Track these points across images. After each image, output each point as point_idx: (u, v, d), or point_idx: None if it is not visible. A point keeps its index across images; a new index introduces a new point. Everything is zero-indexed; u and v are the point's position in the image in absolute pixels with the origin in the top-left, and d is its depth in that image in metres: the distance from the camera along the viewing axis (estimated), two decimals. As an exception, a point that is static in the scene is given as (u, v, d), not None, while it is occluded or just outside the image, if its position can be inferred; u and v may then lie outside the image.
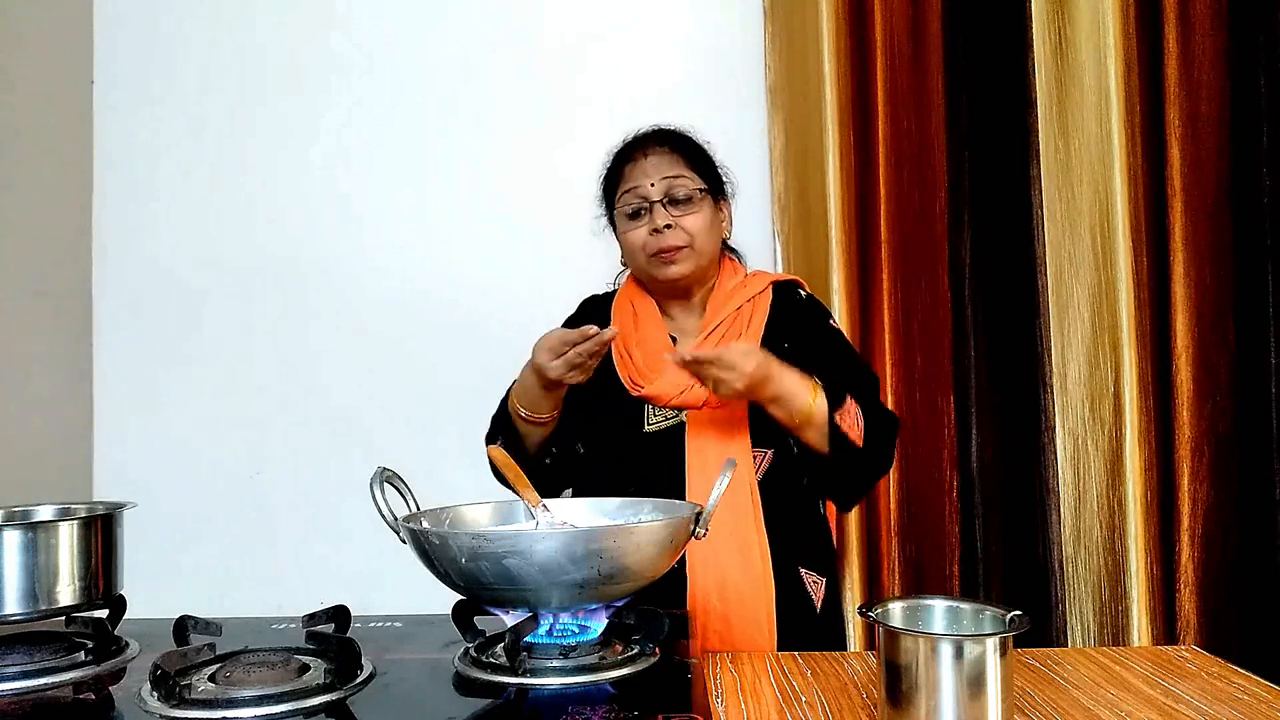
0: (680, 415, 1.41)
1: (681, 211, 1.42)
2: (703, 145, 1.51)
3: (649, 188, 1.43)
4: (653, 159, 1.45)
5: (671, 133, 1.50)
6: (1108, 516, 1.97)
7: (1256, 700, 1.00)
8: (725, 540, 1.34)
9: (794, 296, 1.51)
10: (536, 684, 0.90)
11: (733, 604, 1.33)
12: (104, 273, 2.22)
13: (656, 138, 1.49)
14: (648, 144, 1.48)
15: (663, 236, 1.41)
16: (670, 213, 1.42)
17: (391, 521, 1.03)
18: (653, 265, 1.44)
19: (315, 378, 2.20)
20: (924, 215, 2.04)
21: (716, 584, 1.34)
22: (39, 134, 2.09)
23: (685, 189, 1.43)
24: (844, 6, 2.04)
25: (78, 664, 0.96)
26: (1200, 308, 1.98)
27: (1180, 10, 1.98)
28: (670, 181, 1.43)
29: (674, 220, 1.42)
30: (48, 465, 2.09)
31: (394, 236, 2.21)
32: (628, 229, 1.46)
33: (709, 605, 1.33)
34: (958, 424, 2.02)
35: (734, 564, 1.34)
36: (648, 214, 1.43)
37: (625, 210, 1.46)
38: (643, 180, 1.44)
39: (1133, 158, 1.99)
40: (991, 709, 0.82)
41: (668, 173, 1.43)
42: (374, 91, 2.21)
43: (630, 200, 1.45)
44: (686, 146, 1.48)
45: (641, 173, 1.45)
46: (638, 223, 1.44)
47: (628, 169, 1.47)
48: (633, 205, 1.44)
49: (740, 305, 1.46)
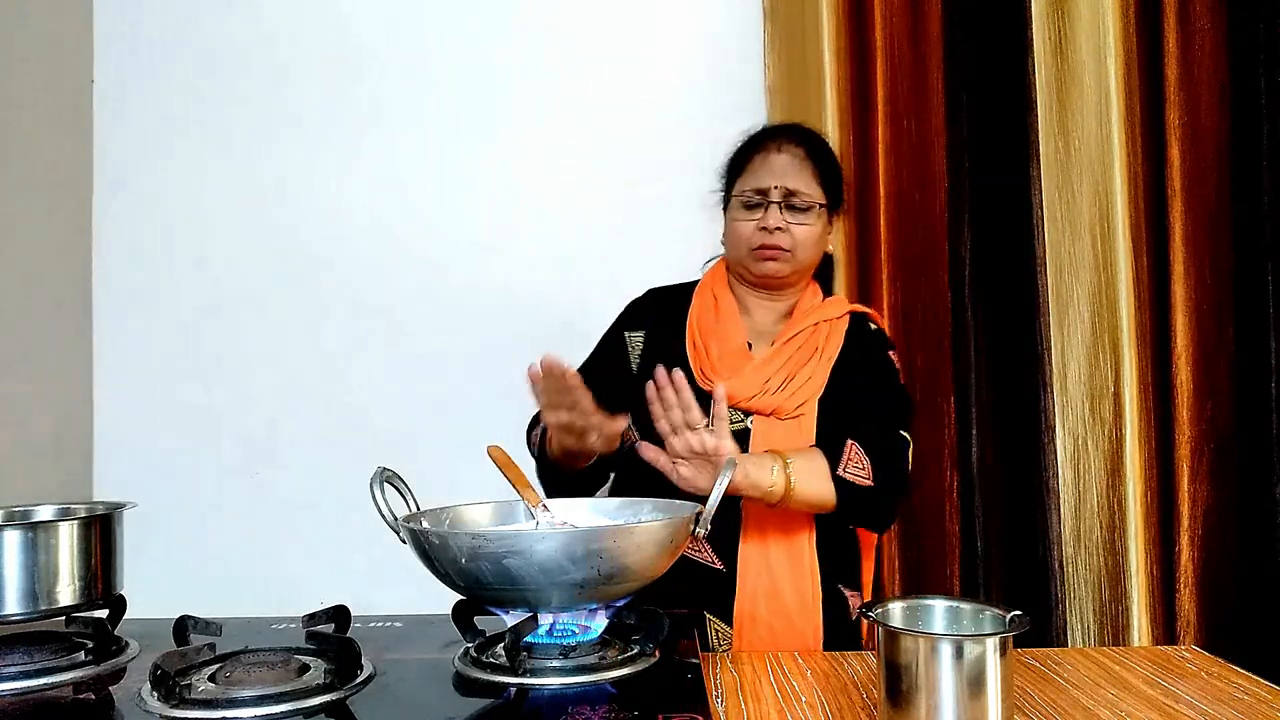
0: (746, 421, 1.40)
1: (796, 220, 1.43)
2: (835, 157, 1.52)
3: (772, 189, 1.43)
4: (785, 156, 1.45)
5: (808, 138, 1.50)
6: (1108, 516, 1.97)
7: (1256, 700, 1.00)
8: (778, 555, 1.34)
9: (866, 328, 1.53)
10: (536, 684, 0.90)
11: (780, 618, 1.33)
12: (104, 273, 2.22)
13: (795, 136, 1.49)
14: (783, 139, 1.48)
15: (770, 236, 1.41)
16: (785, 217, 1.42)
17: (391, 521, 1.03)
18: (752, 259, 1.45)
19: (315, 377, 2.20)
20: (924, 215, 2.04)
21: (766, 596, 1.34)
22: (39, 134, 2.09)
23: (805, 201, 1.43)
24: (844, 6, 2.04)
25: (78, 664, 0.96)
26: (1200, 308, 1.98)
27: (1180, 10, 1.98)
28: (792, 192, 1.43)
29: (786, 225, 1.42)
30: (48, 465, 2.09)
31: (396, 235, 2.20)
32: (739, 218, 1.46)
33: (757, 615, 1.33)
34: (958, 424, 2.02)
35: (785, 578, 1.34)
36: (763, 210, 1.43)
37: (742, 200, 1.45)
38: (768, 180, 1.43)
39: (1133, 158, 1.99)
40: (991, 709, 0.82)
41: (793, 180, 1.43)
42: (376, 90, 2.21)
43: (749, 196, 1.44)
44: (819, 154, 1.48)
45: (769, 171, 1.44)
46: (751, 214, 1.44)
47: (756, 159, 1.47)
48: (750, 200, 1.44)
49: (818, 324, 1.47)
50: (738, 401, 1.39)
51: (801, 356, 1.43)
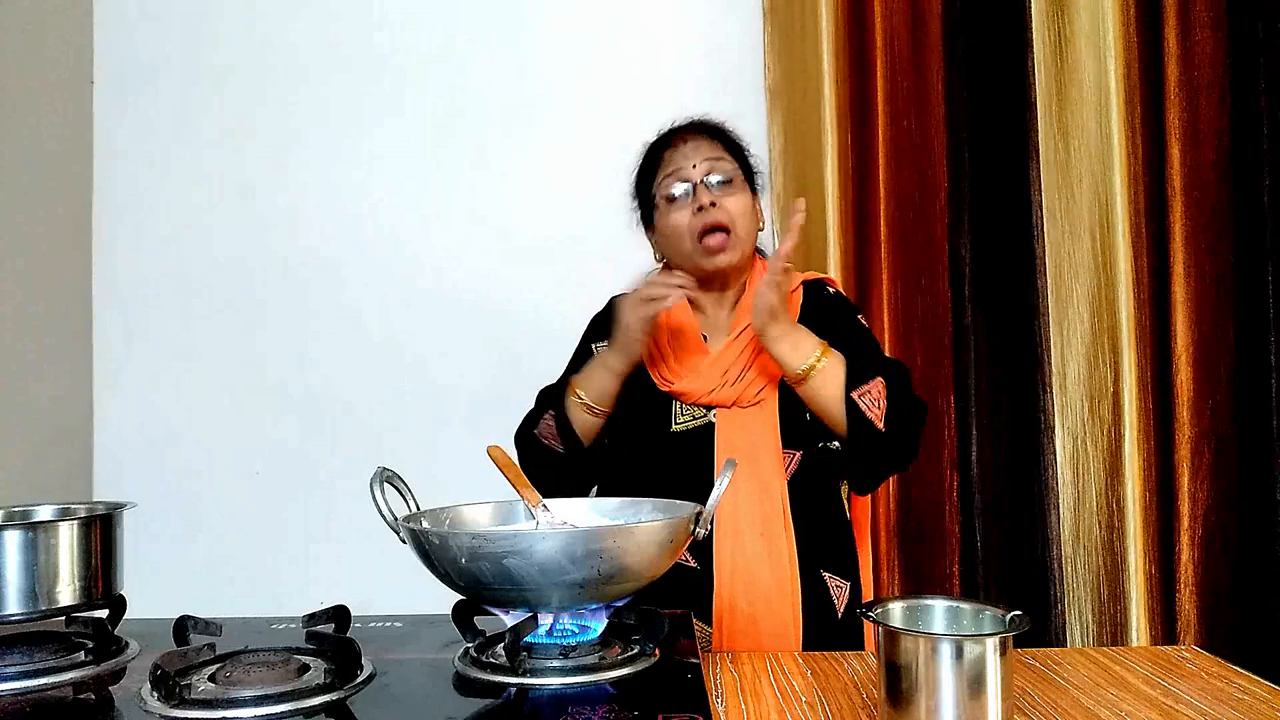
0: (709, 415, 1.41)
1: (723, 192, 1.42)
2: (734, 134, 1.52)
3: (690, 169, 1.43)
4: (691, 144, 1.46)
5: (707, 122, 1.51)
6: (1107, 516, 1.97)
7: (1256, 700, 1.00)
8: (754, 542, 1.34)
9: (822, 294, 1.51)
10: (536, 684, 0.90)
11: (759, 605, 1.33)
12: (104, 273, 2.22)
13: (693, 126, 1.50)
14: (685, 131, 1.49)
15: (707, 214, 1.40)
16: (713, 193, 1.41)
17: (391, 521, 1.02)
18: (698, 254, 1.42)
19: (316, 377, 2.20)
20: (924, 215, 2.04)
21: (744, 585, 1.33)
22: (39, 134, 2.09)
23: (725, 170, 1.43)
24: (844, 6, 2.04)
25: (78, 664, 0.96)
26: (1200, 308, 1.98)
27: (1180, 10, 1.98)
28: (711, 163, 1.43)
29: (717, 199, 1.41)
30: (48, 465, 2.09)
31: (395, 236, 2.21)
32: (669, 213, 1.44)
33: (735, 606, 1.33)
34: (958, 424, 2.02)
35: (762, 565, 1.33)
36: (690, 197, 1.42)
37: (666, 193, 1.44)
38: (683, 163, 1.43)
39: (1133, 158, 1.99)
40: (991, 709, 0.82)
41: (708, 154, 1.44)
42: (375, 90, 2.21)
43: (671, 182, 1.44)
44: (723, 135, 1.49)
45: (682, 156, 1.44)
46: (679, 205, 1.43)
47: (667, 154, 1.47)
48: (674, 188, 1.43)
49: None
50: (697, 398, 1.40)
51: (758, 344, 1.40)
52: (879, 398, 1.32)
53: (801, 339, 1.33)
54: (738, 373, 1.41)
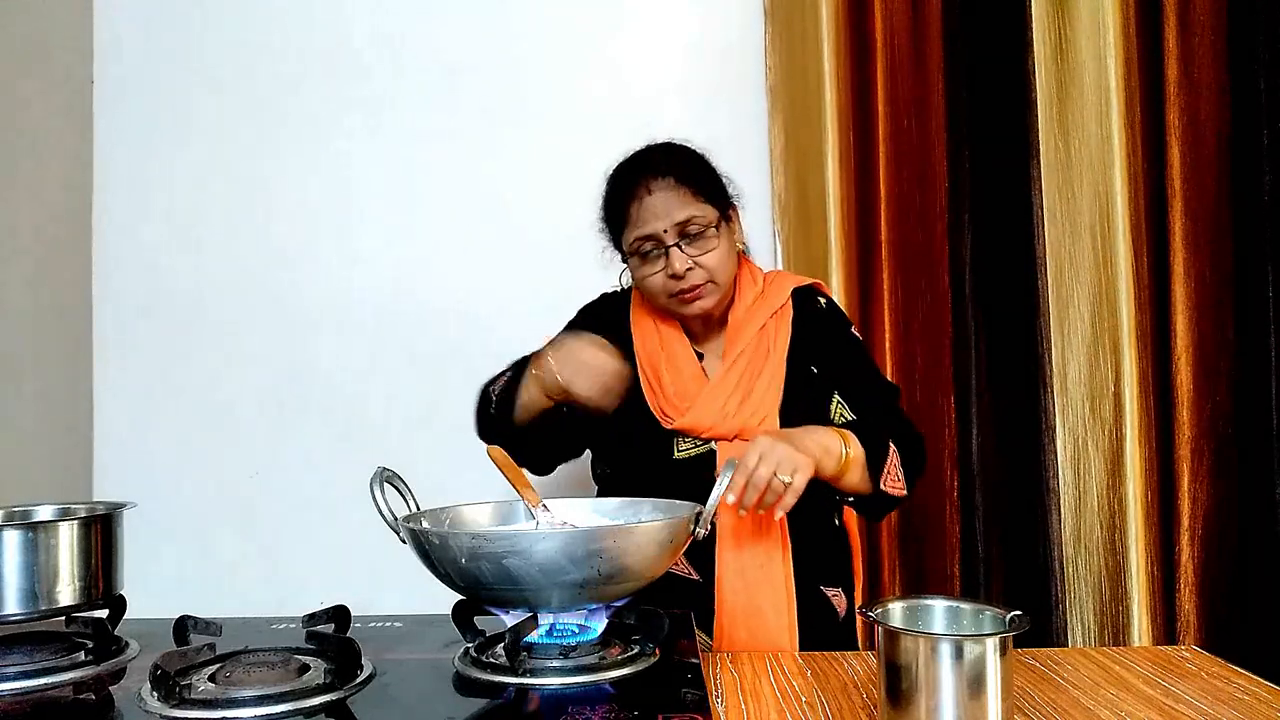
0: (710, 443, 1.39)
1: (699, 250, 1.36)
2: (704, 161, 1.44)
3: (661, 233, 1.35)
4: (659, 196, 1.36)
5: (672, 161, 1.40)
6: (1108, 516, 1.97)
7: (1256, 700, 1.00)
8: (753, 559, 1.34)
9: (814, 307, 1.48)
10: (536, 684, 0.90)
11: (756, 616, 1.33)
12: (104, 273, 2.22)
13: (657, 169, 1.39)
14: (650, 179, 1.38)
15: (681, 281, 1.36)
16: (688, 253, 1.35)
17: (391, 521, 1.03)
18: (674, 304, 1.40)
19: (315, 377, 2.20)
20: (924, 215, 2.04)
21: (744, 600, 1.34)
22: (39, 134, 2.09)
23: (699, 225, 1.36)
24: (844, 6, 2.04)
25: (78, 664, 0.96)
26: (1200, 308, 1.98)
27: (1180, 10, 1.98)
28: (683, 224, 1.35)
29: (693, 261, 1.35)
30: (48, 465, 2.09)
31: (394, 238, 2.20)
32: (645, 273, 1.39)
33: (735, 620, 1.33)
34: (958, 424, 2.02)
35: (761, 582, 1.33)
36: (663, 258, 1.36)
37: (637, 250, 1.39)
38: (654, 224, 1.35)
39: (1133, 158, 1.99)
40: (991, 709, 0.82)
41: (678, 213, 1.35)
42: (374, 93, 2.21)
43: (643, 246, 1.38)
44: (690, 174, 1.39)
45: (651, 215, 1.36)
46: (653, 266, 1.38)
47: (633, 209, 1.38)
48: (646, 250, 1.38)
49: (763, 324, 1.43)
50: (700, 432, 1.38)
51: (754, 368, 1.40)
52: (897, 471, 1.35)
53: (814, 442, 1.28)
54: (737, 403, 1.39)
